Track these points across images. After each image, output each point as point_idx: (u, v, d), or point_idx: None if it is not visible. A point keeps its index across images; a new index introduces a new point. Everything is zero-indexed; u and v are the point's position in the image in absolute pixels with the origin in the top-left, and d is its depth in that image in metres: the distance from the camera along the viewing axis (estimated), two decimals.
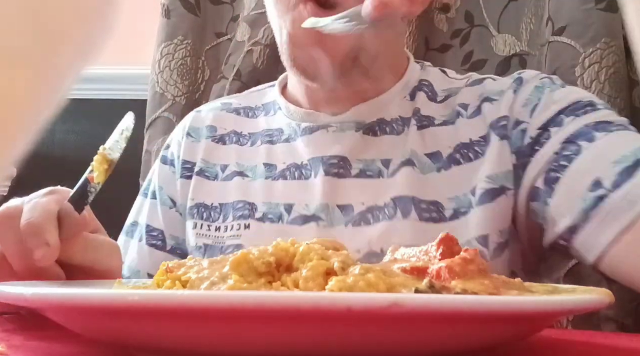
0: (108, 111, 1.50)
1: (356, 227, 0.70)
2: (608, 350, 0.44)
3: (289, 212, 0.73)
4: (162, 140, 1.27)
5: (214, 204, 0.77)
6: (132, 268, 0.81)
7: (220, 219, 0.76)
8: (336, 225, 0.70)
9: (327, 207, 0.71)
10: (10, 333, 0.48)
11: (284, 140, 0.78)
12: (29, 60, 0.18)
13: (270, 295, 0.32)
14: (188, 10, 1.29)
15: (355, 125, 0.75)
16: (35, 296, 0.35)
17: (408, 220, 0.68)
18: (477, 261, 0.38)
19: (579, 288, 0.43)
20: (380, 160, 0.73)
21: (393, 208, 0.69)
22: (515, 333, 0.37)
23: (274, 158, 0.77)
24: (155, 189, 0.84)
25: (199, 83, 1.31)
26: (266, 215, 0.73)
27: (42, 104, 0.19)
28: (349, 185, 0.72)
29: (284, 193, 0.74)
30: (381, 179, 0.72)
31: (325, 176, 0.72)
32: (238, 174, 0.78)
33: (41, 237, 0.50)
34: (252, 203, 0.75)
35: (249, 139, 0.81)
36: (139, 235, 0.83)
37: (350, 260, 0.39)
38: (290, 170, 0.76)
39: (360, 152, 0.73)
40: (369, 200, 0.70)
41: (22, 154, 0.19)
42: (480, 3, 1.22)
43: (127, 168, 1.32)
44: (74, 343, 0.43)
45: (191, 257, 0.45)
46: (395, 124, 0.74)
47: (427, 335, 0.32)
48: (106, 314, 0.34)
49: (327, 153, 0.74)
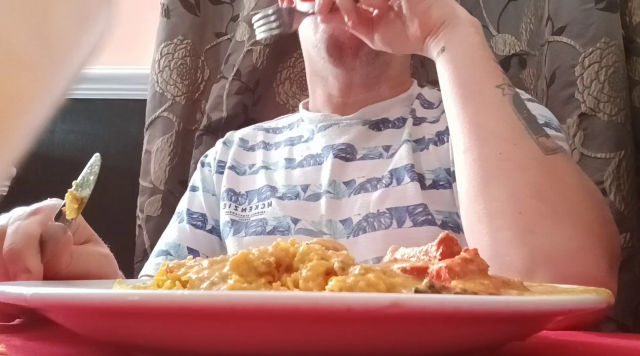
0: (108, 111, 1.50)
1: (357, 195, 0.84)
2: (608, 350, 0.44)
3: (305, 191, 0.88)
4: (161, 140, 1.27)
5: (242, 192, 0.94)
6: (170, 243, 0.93)
7: (246, 203, 0.92)
8: (341, 197, 0.85)
9: (334, 182, 0.86)
10: (10, 333, 0.48)
11: (303, 141, 0.96)
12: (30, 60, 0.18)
13: (270, 295, 0.32)
14: (188, 10, 1.29)
15: (362, 121, 0.92)
16: (35, 296, 0.35)
17: (401, 186, 0.83)
18: (477, 261, 0.38)
19: (579, 288, 0.43)
20: (382, 146, 0.88)
21: (390, 178, 0.83)
22: (515, 333, 0.37)
23: (294, 154, 0.94)
24: (197, 184, 0.99)
25: (198, 83, 1.31)
26: (285, 195, 0.89)
27: (43, 104, 0.19)
28: (353, 165, 0.87)
29: (301, 177, 0.90)
30: (381, 159, 0.87)
31: (334, 159, 0.88)
32: (263, 168, 0.95)
33: (22, 264, 0.51)
34: (274, 186, 0.91)
35: (273, 146, 0.99)
36: (179, 219, 0.96)
37: (350, 260, 0.39)
38: (307, 160, 0.92)
39: (364, 141, 0.90)
40: (369, 174, 0.86)
41: (22, 154, 0.19)
42: (480, 3, 1.22)
43: (127, 168, 1.33)
44: (74, 343, 0.43)
45: (191, 257, 0.45)
46: (396, 121, 0.91)
47: (427, 335, 0.32)
48: (106, 314, 0.34)
49: (336, 142, 0.90)
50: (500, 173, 0.63)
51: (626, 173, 1.04)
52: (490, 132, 0.65)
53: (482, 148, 0.65)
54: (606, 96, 1.05)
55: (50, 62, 0.18)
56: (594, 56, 1.05)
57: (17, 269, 0.50)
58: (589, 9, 1.06)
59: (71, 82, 0.20)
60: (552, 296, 0.36)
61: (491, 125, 0.65)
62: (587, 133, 1.06)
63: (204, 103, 1.28)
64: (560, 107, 1.07)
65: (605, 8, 1.06)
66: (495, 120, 0.66)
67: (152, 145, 1.26)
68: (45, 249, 0.53)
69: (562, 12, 1.09)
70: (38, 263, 0.51)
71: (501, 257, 0.59)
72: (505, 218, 0.61)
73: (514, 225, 0.60)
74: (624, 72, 1.06)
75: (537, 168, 0.62)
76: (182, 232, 0.94)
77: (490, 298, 0.34)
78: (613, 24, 1.06)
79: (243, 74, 1.24)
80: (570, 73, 1.07)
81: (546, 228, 0.59)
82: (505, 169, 0.63)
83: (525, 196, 0.61)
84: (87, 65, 0.20)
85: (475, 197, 0.64)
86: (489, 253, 0.60)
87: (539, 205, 0.60)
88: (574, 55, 1.07)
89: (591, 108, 1.06)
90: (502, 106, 0.66)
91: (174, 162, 1.26)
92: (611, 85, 1.05)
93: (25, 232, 0.52)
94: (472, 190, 0.64)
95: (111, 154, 1.49)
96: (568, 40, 1.08)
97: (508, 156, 0.63)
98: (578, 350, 0.43)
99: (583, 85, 1.06)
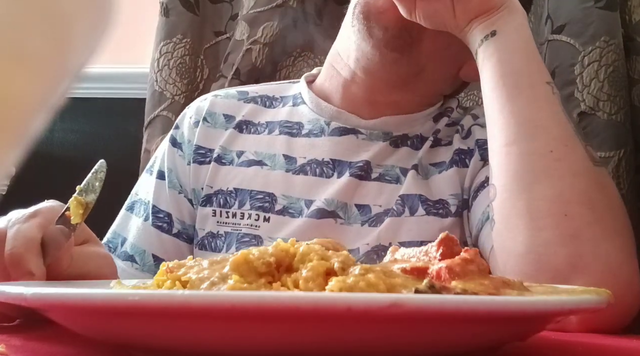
0: (107, 110, 1.50)
1: (372, 228, 0.75)
2: (608, 350, 0.44)
3: (309, 206, 0.77)
4: (161, 139, 1.26)
5: (229, 189, 0.79)
6: (136, 246, 0.81)
7: (236, 205, 0.78)
8: (353, 224, 0.75)
9: (346, 205, 0.76)
10: (10, 333, 0.48)
11: (305, 134, 0.81)
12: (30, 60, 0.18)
13: (270, 295, 0.32)
14: (187, 9, 1.29)
15: (383, 135, 0.80)
16: (35, 296, 0.35)
17: (414, 217, 0.75)
18: (477, 261, 0.38)
19: (579, 288, 0.43)
20: (399, 167, 0.79)
21: (401, 205, 0.75)
22: (515, 333, 0.37)
23: (294, 152, 0.80)
24: (164, 170, 0.84)
25: (197, 82, 1.31)
26: (287, 209, 0.77)
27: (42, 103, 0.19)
28: (368, 187, 0.77)
29: (304, 188, 0.78)
30: (397, 185, 0.77)
31: (349, 177, 0.77)
32: (256, 163, 0.80)
33: (24, 268, 0.50)
34: (272, 194, 0.78)
35: (265, 128, 0.83)
36: (145, 214, 0.83)
37: (350, 260, 0.39)
38: (311, 165, 0.79)
39: (381, 158, 0.79)
40: (385, 203, 0.76)
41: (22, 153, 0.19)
42: None
43: (126, 167, 1.33)
44: (74, 343, 0.43)
45: (191, 257, 0.45)
46: (415, 140, 0.81)
47: (427, 335, 0.32)
48: (106, 314, 0.34)
49: (354, 159, 0.79)
50: (549, 172, 0.61)
51: (626, 172, 1.04)
52: (541, 128, 0.63)
53: (532, 143, 0.62)
54: (606, 95, 1.05)
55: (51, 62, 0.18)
56: (594, 55, 1.05)
57: (20, 273, 0.50)
58: (588, 7, 1.06)
59: (72, 81, 0.20)
60: (552, 296, 0.36)
61: (543, 121, 0.63)
62: (586, 132, 1.06)
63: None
64: None
65: (605, 6, 1.06)
66: (546, 116, 0.63)
67: (152, 144, 1.26)
68: (47, 252, 0.52)
69: (562, 10, 1.09)
70: (40, 266, 0.51)
71: (538, 256, 0.59)
72: (549, 218, 0.60)
73: (558, 227, 0.59)
74: (623, 70, 1.06)
75: (588, 175, 0.62)
76: (147, 235, 0.81)
77: (490, 298, 0.34)
78: (612, 22, 1.06)
79: (242, 72, 1.24)
80: (570, 72, 1.07)
81: (591, 237, 0.59)
82: (556, 169, 0.61)
83: (575, 201, 0.60)
84: (87, 63, 0.20)
85: (518, 192, 0.62)
86: (522, 249, 0.60)
87: (587, 212, 0.59)
88: (573, 54, 1.07)
89: (591, 107, 1.06)
90: (553, 104, 0.64)
91: None
92: (611, 84, 1.05)
93: (25, 235, 0.51)
94: (514, 184, 0.62)
95: (110, 153, 1.48)
96: (567, 38, 1.07)
97: (559, 156, 0.62)
98: (578, 350, 0.43)
99: (582, 84, 1.06)
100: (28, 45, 0.17)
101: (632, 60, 1.09)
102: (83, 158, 1.61)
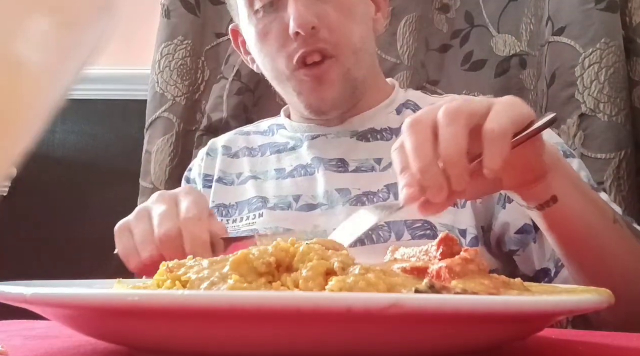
0: (108, 111, 1.50)
1: (352, 206, 0.82)
2: (608, 349, 0.44)
3: (297, 201, 0.87)
4: (161, 140, 1.27)
5: (232, 203, 0.92)
6: None
7: (237, 213, 0.90)
8: (335, 206, 0.84)
9: (327, 192, 0.85)
10: (10, 333, 0.48)
11: (290, 148, 0.94)
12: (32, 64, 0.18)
13: (270, 295, 0.32)
14: (188, 11, 1.29)
15: (350, 133, 0.90)
16: (35, 296, 0.35)
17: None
18: (477, 261, 0.38)
19: (579, 288, 0.43)
20: (373, 158, 0.87)
21: (387, 192, 0.82)
22: (515, 333, 0.37)
23: (283, 164, 0.92)
24: None
25: (198, 83, 1.31)
26: (277, 205, 0.87)
27: (43, 104, 0.19)
28: (346, 176, 0.86)
29: (292, 187, 0.88)
30: (374, 173, 0.86)
31: (326, 170, 0.87)
32: (252, 178, 0.93)
33: None
34: (264, 197, 0.89)
35: (258, 151, 0.97)
36: None
37: (350, 260, 0.39)
38: (297, 170, 0.90)
39: (354, 153, 0.88)
40: (364, 187, 0.84)
41: (22, 154, 0.19)
42: (480, 3, 1.22)
43: (127, 168, 1.33)
44: (74, 343, 0.43)
45: (191, 257, 0.45)
46: (385, 133, 0.89)
47: (427, 335, 0.32)
48: (106, 314, 0.34)
49: (327, 157, 0.89)
50: None
51: (626, 174, 1.04)
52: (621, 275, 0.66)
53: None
54: (606, 96, 1.05)
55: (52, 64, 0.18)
56: (594, 56, 1.05)
57: None
58: (589, 9, 1.06)
59: (72, 83, 0.20)
60: (552, 296, 0.36)
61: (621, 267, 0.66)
62: (587, 134, 1.06)
63: (204, 104, 1.28)
64: (560, 107, 1.07)
65: (605, 8, 1.06)
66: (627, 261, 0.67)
67: (153, 146, 1.26)
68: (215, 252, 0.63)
69: (562, 12, 1.09)
70: None
71: None
72: None
73: None
74: (624, 72, 1.06)
75: None
76: None
77: (490, 298, 0.34)
78: (613, 24, 1.06)
79: (243, 74, 1.24)
80: (570, 73, 1.07)
81: None
82: None
83: None
84: (87, 66, 0.20)
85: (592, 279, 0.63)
86: None
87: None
88: (574, 55, 1.07)
89: (591, 109, 1.06)
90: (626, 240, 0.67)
91: (174, 163, 1.26)
92: (611, 85, 1.05)
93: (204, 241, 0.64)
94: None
95: (111, 155, 1.49)
96: (568, 40, 1.08)
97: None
98: (578, 350, 0.43)
99: (583, 86, 1.06)
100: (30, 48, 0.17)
101: (632, 62, 1.09)
102: (84, 160, 1.61)
